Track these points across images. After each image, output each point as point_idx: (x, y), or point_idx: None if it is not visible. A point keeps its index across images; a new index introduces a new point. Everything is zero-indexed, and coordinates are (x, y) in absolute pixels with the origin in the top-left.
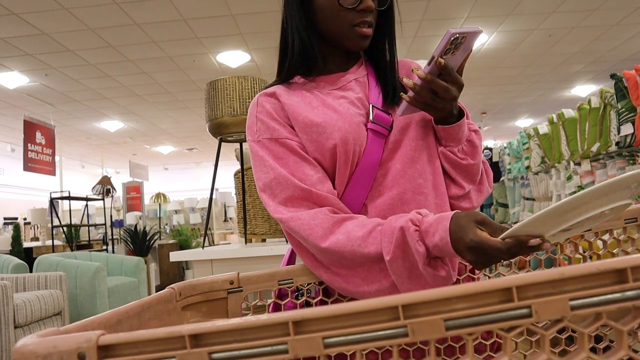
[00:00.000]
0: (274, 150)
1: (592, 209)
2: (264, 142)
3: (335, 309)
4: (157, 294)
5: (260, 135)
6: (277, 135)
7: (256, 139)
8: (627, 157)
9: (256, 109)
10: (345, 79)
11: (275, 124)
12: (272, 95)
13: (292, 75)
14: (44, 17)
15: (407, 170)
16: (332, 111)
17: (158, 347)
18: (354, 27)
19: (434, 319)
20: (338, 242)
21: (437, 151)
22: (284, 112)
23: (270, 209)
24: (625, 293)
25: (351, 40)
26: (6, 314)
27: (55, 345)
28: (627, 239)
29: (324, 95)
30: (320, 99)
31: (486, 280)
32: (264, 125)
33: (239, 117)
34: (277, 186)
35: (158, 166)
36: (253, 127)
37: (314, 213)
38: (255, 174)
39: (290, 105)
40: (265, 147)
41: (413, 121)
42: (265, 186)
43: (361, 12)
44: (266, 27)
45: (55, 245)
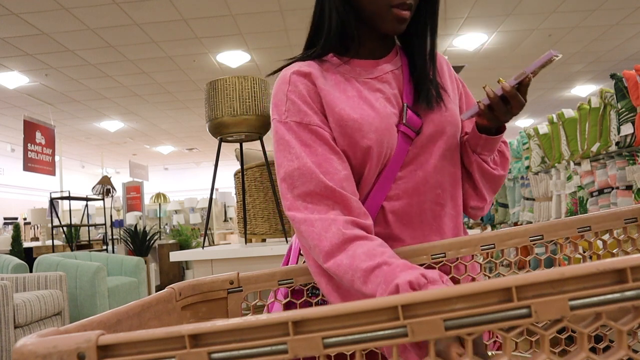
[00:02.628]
0: (302, 136)
1: None
2: (291, 124)
3: (334, 309)
4: (157, 294)
5: (289, 117)
6: (308, 121)
7: (283, 119)
8: (627, 157)
9: (287, 86)
10: (382, 68)
11: (307, 108)
12: (307, 75)
13: (326, 53)
14: (44, 17)
15: (429, 179)
16: (369, 107)
17: (158, 347)
18: (392, 9)
19: (433, 319)
20: (340, 266)
21: (459, 161)
22: (318, 97)
23: (286, 203)
24: (625, 293)
25: (387, 22)
26: (6, 314)
27: (55, 345)
28: (627, 239)
29: (359, 83)
30: (357, 89)
31: (486, 280)
32: (295, 106)
33: (239, 117)
34: (300, 178)
35: (158, 166)
36: (281, 106)
37: (329, 223)
38: (278, 159)
39: (326, 91)
40: (292, 131)
41: (443, 128)
42: (286, 175)
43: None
44: (266, 27)
45: (55, 245)
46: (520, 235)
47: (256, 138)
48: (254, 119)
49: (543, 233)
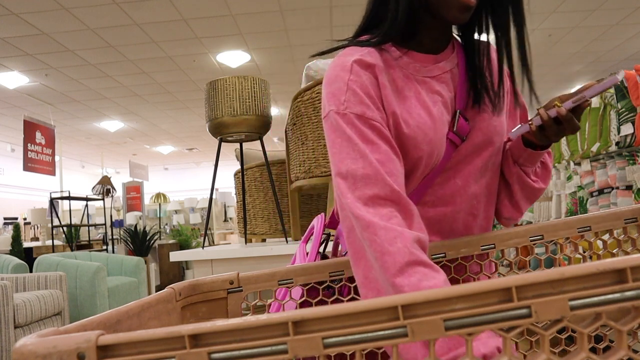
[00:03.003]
0: (364, 131)
1: None
2: (351, 117)
3: (334, 309)
4: (157, 294)
5: (349, 108)
6: (371, 116)
7: (342, 110)
8: (627, 157)
9: (349, 75)
10: (442, 66)
11: (370, 101)
12: (370, 67)
13: (388, 41)
14: (44, 17)
15: (467, 189)
16: (427, 113)
17: (157, 347)
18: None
19: (433, 319)
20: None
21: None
22: (379, 93)
23: (344, 200)
24: (625, 293)
25: (450, 9)
26: (6, 314)
27: (55, 345)
28: (627, 239)
29: (417, 82)
30: (415, 89)
31: (486, 280)
32: (357, 98)
33: (239, 117)
34: (364, 179)
35: (158, 166)
36: (340, 96)
37: (394, 235)
38: (336, 153)
39: (387, 89)
40: (353, 125)
41: (490, 138)
42: (347, 173)
43: None
44: (266, 27)
45: (55, 245)
46: (521, 235)
47: (256, 138)
48: (254, 119)
49: (543, 233)
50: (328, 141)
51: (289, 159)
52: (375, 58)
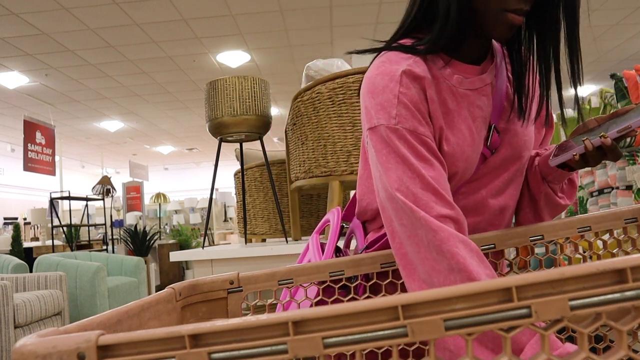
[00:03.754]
0: (417, 148)
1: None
2: (403, 132)
3: (334, 309)
4: (157, 294)
5: (401, 123)
6: (423, 132)
7: (393, 124)
8: (627, 157)
9: (398, 87)
10: (483, 78)
11: (421, 116)
12: (419, 80)
13: (436, 50)
14: (44, 17)
15: (491, 200)
16: (467, 130)
17: (158, 347)
18: (506, 13)
19: (433, 319)
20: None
21: (521, 184)
22: (427, 107)
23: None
24: (625, 293)
25: (496, 26)
26: (6, 314)
27: (55, 345)
28: (627, 239)
29: (460, 96)
30: (457, 103)
31: (486, 280)
32: (408, 112)
33: (239, 117)
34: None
35: (158, 166)
36: (390, 109)
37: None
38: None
39: (434, 104)
40: (405, 141)
41: (519, 153)
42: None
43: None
44: (266, 27)
45: (55, 245)
46: (520, 235)
47: (256, 138)
48: (254, 119)
49: (543, 233)
50: (376, 154)
51: (289, 159)
52: (423, 69)
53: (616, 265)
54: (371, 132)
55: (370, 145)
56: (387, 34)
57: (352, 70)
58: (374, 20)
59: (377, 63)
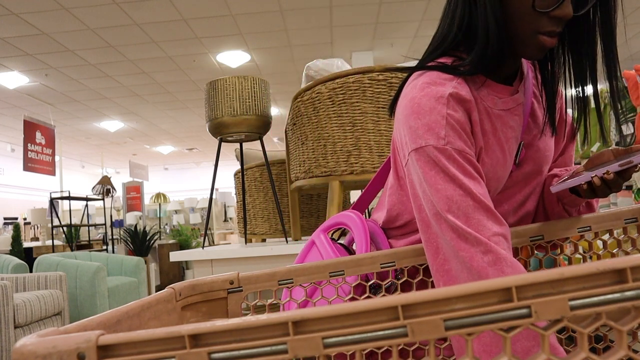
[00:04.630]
0: (465, 167)
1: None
2: (452, 152)
3: (334, 309)
4: (157, 294)
5: (450, 144)
6: (469, 152)
7: (442, 145)
8: None
9: (446, 109)
10: (516, 98)
11: (467, 137)
12: (465, 103)
13: (479, 71)
14: (44, 17)
15: (512, 213)
16: (501, 151)
17: (157, 347)
18: (539, 35)
19: (433, 319)
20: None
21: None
22: (471, 129)
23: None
24: (625, 293)
25: (528, 48)
26: (6, 314)
27: (55, 345)
28: (627, 239)
29: (495, 116)
30: (492, 124)
31: (486, 280)
32: (456, 132)
33: (239, 117)
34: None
35: (158, 166)
36: (438, 130)
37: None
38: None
39: (477, 125)
40: (454, 161)
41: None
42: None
43: (555, 19)
44: (266, 27)
45: (55, 245)
46: (520, 235)
47: (256, 138)
48: (254, 119)
49: (543, 233)
50: (423, 174)
51: (289, 159)
52: (467, 91)
53: (616, 265)
54: (417, 152)
55: (415, 164)
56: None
57: (352, 70)
58: (374, 20)
59: (420, 84)
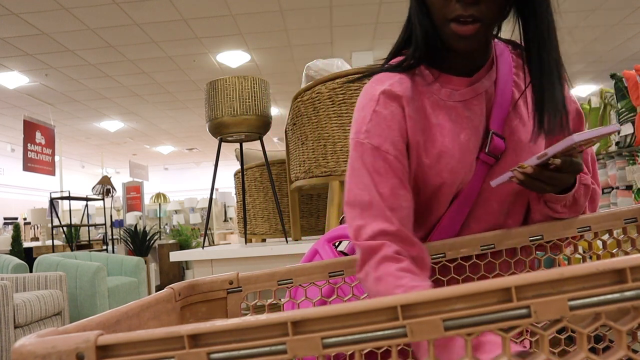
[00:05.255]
0: (377, 163)
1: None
2: (367, 147)
3: (334, 309)
4: (156, 294)
5: (368, 139)
6: (386, 149)
7: (361, 139)
8: (627, 157)
9: (375, 105)
10: (474, 88)
11: (389, 134)
12: (397, 98)
13: (417, 65)
14: (44, 17)
15: (501, 210)
16: (452, 141)
17: (157, 347)
18: (450, 23)
19: (432, 319)
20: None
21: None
22: (404, 125)
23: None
24: (625, 293)
25: (448, 39)
26: (6, 314)
27: (54, 345)
28: (627, 239)
29: (447, 108)
30: (443, 116)
31: (485, 280)
32: (377, 129)
33: (239, 117)
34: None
35: (158, 166)
36: (362, 125)
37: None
38: (348, 181)
39: (413, 120)
40: (368, 155)
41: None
42: (355, 203)
43: (460, 3)
44: (266, 27)
45: (55, 245)
46: (520, 235)
47: (256, 138)
48: (254, 119)
49: (543, 233)
50: (348, 163)
51: (289, 159)
52: (405, 87)
53: (616, 266)
54: (350, 143)
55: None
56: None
57: (352, 70)
58: (374, 20)
59: (368, 83)
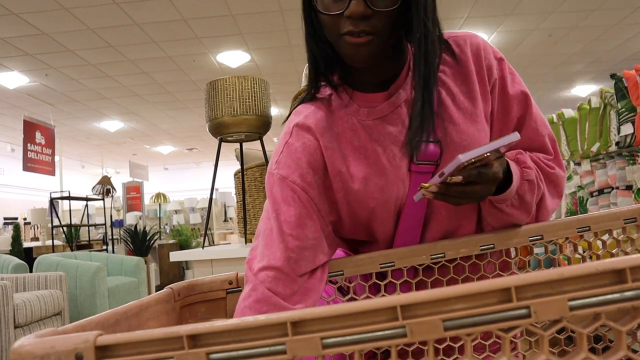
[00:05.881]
0: (284, 192)
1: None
2: (276, 178)
3: (333, 309)
4: (156, 294)
5: (277, 169)
6: (293, 179)
7: (272, 169)
8: (627, 157)
9: (288, 137)
10: (392, 102)
11: (297, 164)
12: (309, 130)
13: (317, 90)
14: (44, 17)
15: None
16: (375, 163)
17: (156, 348)
18: (343, 37)
19: (432, 319)
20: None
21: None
22: (320, 155)
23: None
24: (624, 293)
25: (344, 53)
26: (6, 314)
27: (53, 345)
28: (627, 239)
29: (365, 129)
30: (362, 138)
31: (485, 281)
32: (287, 160)
33: (239, 117)
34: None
35: (158, 166)
36: (275, 156)
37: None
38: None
39: (329, 150)
40: (276, 185)
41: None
42: (259, 233)
43: (348, 19)
44: (266, 27)
45: (55, 245)
46: (520, 235)
47: (256, 138)
48: (254, 119)
49: (542, 233)
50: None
51: None
52: (319, 117)
53: (615, 266)
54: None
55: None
56: None
57: None
58: None
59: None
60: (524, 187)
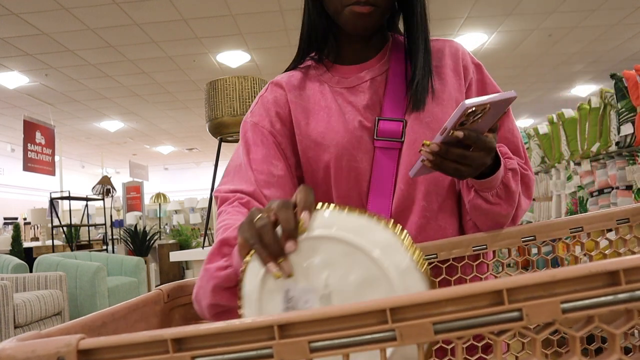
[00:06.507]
0: (254, 136)
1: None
2: (249, 123)
3: (321, 312)
4: (144, 295)
5: (250, 117)
6: (263, 125)
7: (247, 118)
8: (627, 157)
9: (263, 92)
10: (360, 77)
11: (267, 113)
12: (281, 87)
13: (303, 60)
14: (44, 17)
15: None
16: (336, 120)
17: (139, 352)
18: (346, 8)
19: (422, 322)
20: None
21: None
22: (287, 109)
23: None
24: (618, 296)
25: (346, 21)
26: (6, 314)
27: (34, 349)
28: (620, 240)
29: (335, 94)
30: (330, 100)
31: (476, 283)
32: (259, 110)
33: (239, 117)
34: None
35: (158, 166)
36: (252, 107)
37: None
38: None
39: (295, 104)
40: (249, 130)
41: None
42: (228, 169)
43: None
44: (266, 27)
45: (55, 245)
46: (513, 235)
47: None
48: None
49: (535, 234)
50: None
51: None
52: (293, 79)
53: (609, 267)
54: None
55: None
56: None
57: None
58: None
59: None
60: (508, 175)
